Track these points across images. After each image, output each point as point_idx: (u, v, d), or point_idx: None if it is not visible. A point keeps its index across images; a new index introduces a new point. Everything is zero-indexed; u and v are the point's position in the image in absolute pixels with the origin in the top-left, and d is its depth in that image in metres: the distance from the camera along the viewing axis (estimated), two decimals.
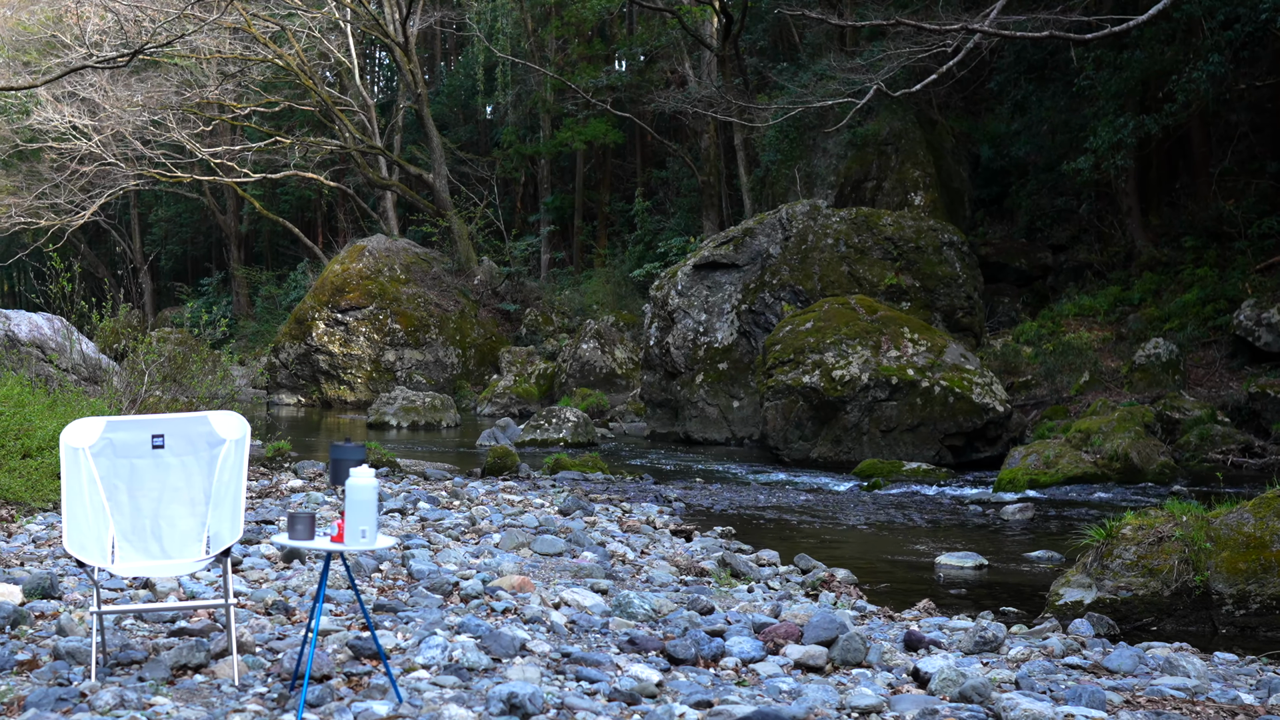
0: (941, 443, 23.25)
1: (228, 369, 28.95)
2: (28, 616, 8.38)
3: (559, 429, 28.03)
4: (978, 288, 29.75)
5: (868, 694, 7.29)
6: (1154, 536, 10.32)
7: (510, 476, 20.42)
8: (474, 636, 8.23)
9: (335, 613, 9.01)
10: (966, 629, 9.57)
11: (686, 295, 29.65)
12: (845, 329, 24.59)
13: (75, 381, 21.12)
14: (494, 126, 63.89)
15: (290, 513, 6.81)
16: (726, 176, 45.91)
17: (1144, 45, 29.68)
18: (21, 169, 59.66)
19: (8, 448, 14.17)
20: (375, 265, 45.57)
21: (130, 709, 6.47)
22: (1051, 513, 17.58)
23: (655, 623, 9.25)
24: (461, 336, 44.40)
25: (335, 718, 6.53)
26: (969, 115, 40.23)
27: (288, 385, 44.71)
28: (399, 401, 34.46)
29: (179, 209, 72.85)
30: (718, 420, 28.59)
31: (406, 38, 49.12)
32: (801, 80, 35.77)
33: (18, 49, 55.80)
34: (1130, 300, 30.66)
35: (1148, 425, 21.76)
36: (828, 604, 10.61)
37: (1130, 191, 32.97)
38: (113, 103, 48.93)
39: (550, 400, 38.18)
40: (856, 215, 30.09)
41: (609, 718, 6.77)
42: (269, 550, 11.54)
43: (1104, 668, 8.41)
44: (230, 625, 7.22)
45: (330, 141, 53.17)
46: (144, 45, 26.55)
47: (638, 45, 53.43)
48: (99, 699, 6.58)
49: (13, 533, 12.15)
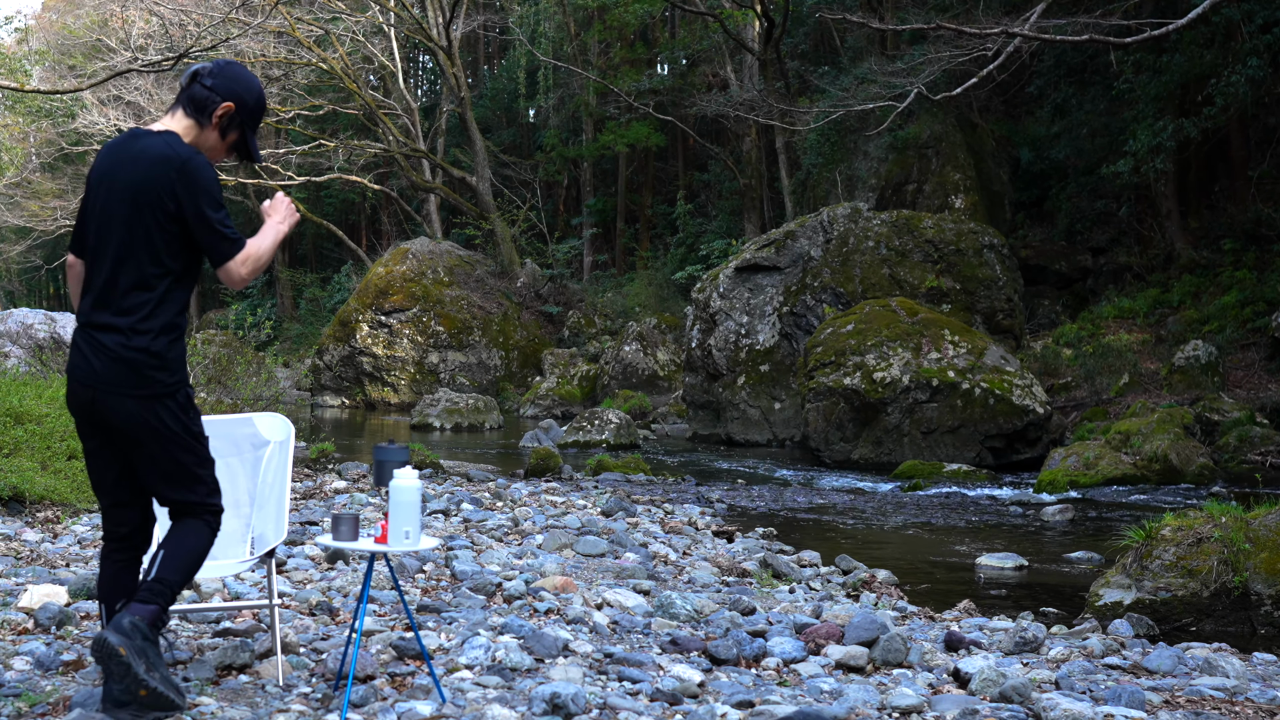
0: (982, 444, 23.23)
1: (272, 371, 29.03)
2: (73, 617, 8.38)
3: (601, 430, 28.04)
4: (1018, 290, 29.71)
5: (908, 694, 7.28)
6: (1193, 538, 10.32)
7: (553, 478, 20.43)
8: (517, 637, 8.23)
9: (379, 613, 9.02)
10: (1007, 629, 9.56)
11: (728, 297, 29.68)
12: (886, 331, 24.60)
13: None
14: (537, 130, 63.99)
15: (334, 514, 6.81)
16: (768, 179, 45.91)
17: (1183, 49, 29.64)
18: (68, 172, 60.07)
19: (53, 449, 14.23)
20: (419, 268, 45.69)
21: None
22: (1091, 514, 17.55)
23: (697, 623, 9.24)
24: (504, 338, 44.49)
25: (379, 718, 6.54)
26: (1009, 118, 40.19)
27: (332, 387, 44.87)
28: (442, 403, 34.52)
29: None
30: (759, 422, 28.62)
31: (450, 41, 49.24)
32: (842, 84, 35.78)
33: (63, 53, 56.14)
34: (1169, 303, 30.61)
35: (1187, 427, 21.71)
36: (869, 605, 10.60)
37: (1169, 194, 32.93)
38: (158, 106, 49.16)
39: (593, 402, 38.22)
40: (897, 218, 30.07)
41: (651, 718, 6.76)
42: (313, 551, 11.56)
43: (1143, 668, 8.40)
44: (274, 626, 7.22)
45: (374, 145, 53.34)
46: (189, 49, 26.70)
47: (680, 49, 53.52)
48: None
49: (59, 534, 12.18)
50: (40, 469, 13.69)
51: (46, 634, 8.08)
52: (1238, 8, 27.22)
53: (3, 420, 14.23)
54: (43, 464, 13.88)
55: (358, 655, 7.02)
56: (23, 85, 31.32)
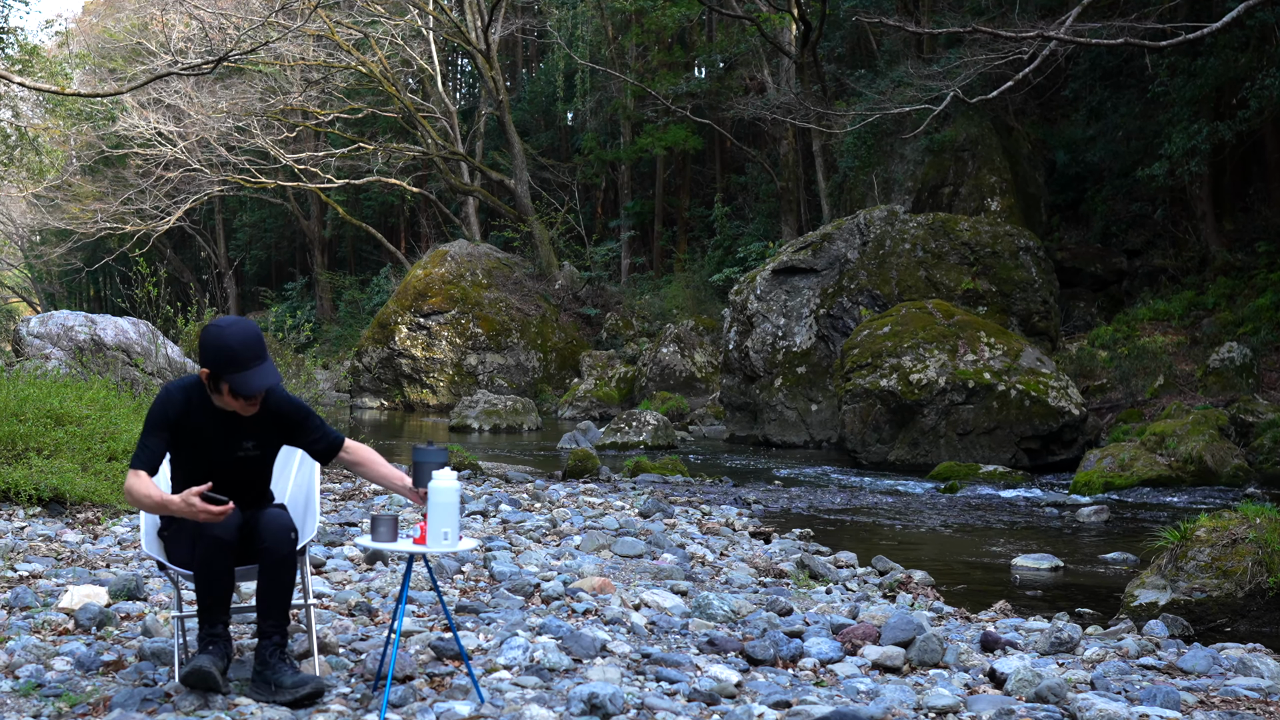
0: (1017, 445, 23.23)
1: (311, 373, 29.16)
2: (113, 618, 8.42)
3: (639, 432, 28.08)
4: (1053, 292, 29.67)
5: (944, 694, 7.30)
6: (1228, 539, 10.33)
7: (591, 479, 20.43)
8: (555, 637, 8.28)
9: (418, 614, 9.06)
10: (1042, 630, 9.55)
11: (765, 300, 29.71)
12: (922, 333, 24.61)
13: (160, 385, 21.21)
14: (575, 132, 64.02)
15: (373, 515, 6.84)
16: (805, 182, 45.90)
17: (1218, 52, 29.60)
18: (108, 175, 60.30)
19: (94, 451, 14.29)
20: (457, 270, 45.80)
21: (214, 709, 6.51)
22: (1126, 515, 17.54)
23: (734, 624, 9.26)
24: (543, 340, 44.56)
25: (418, 718, 6.57)
26: (1045, 121, 40.13)
27: (371, 389, 45.02)
28: (481, 405, 34.59)
29: (263, 214, 73.32)
30: (796, 423, 28.64)
31: (488, 45, 49.33)
32: (879, 87, 35.75)
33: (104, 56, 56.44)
34: (1204, 305, 30.55)
35: (1222, 428, 21.66)
36: (905, 605, 10.60)
37: (1204, 197, 32.86)
38: (197, 109, 49.37)
39: (630, 403, 38.27)
40: (933, 220, 30.07)
41: (689, 718, 6.79)
42: (352, 552, 11.61)
43: (1178, 668, 8.39)
44: (310, 626, 7.27)
45: (413, 147, 53.49)
46: (228, 52, 26.79)
47: (717, 52, 53.51)
48: (183, 699, 6.64)
49: (99, 535, 12.24)
50: (80, 470, 13.78)
51: (87, 635, 8.15)
52: (1272, 11, 27.13)
53: (43, 422, 14.32)
54: (83, 465, 13.96)
55: (396, 655, 7.05)
56: (63, 88, 31.45)
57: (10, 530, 11.94)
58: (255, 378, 6.74)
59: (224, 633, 6.58)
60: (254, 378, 6.74)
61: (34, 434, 13.97)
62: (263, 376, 6.76)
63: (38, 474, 13.14)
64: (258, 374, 6.75)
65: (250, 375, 6.73)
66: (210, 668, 6.23)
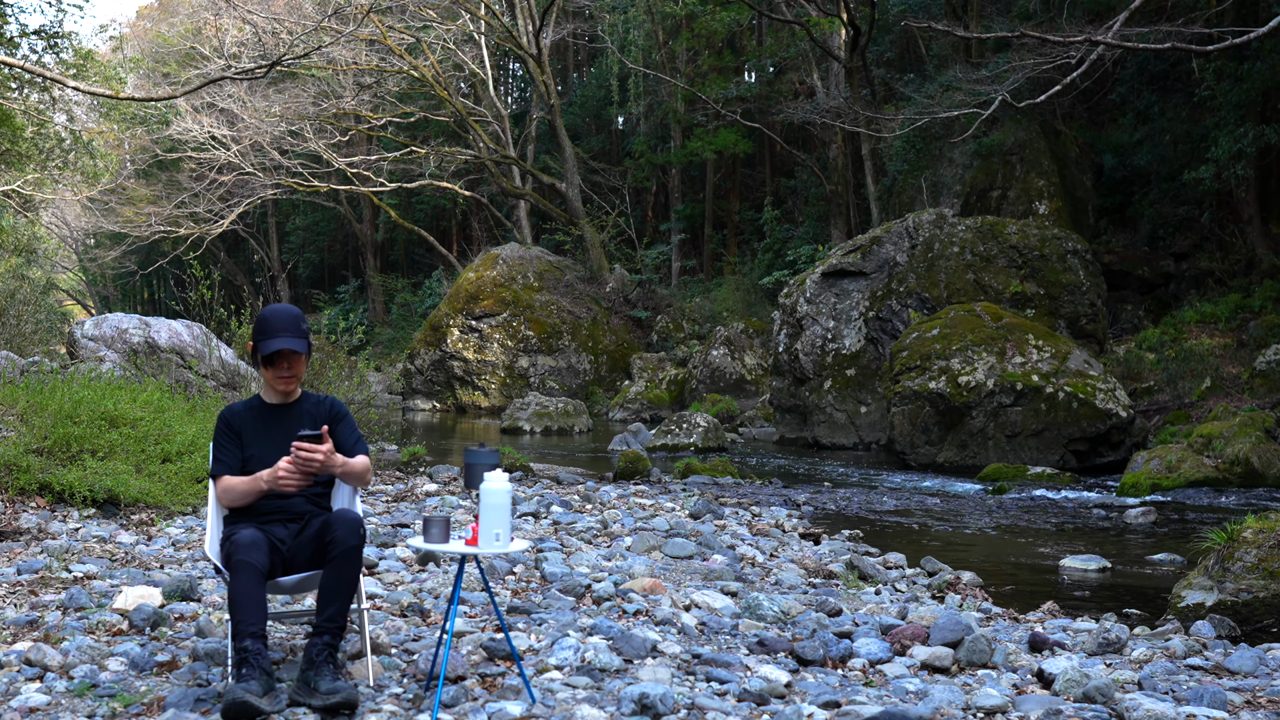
0: (1065, 447, 23.20)
1: (364, 375, 29.25)
2: (167, 618, 8.49)
3: (689, 434, 28.09)
4: (1101, 295, 29.62)
5: (993, 694, 7.32)
6: (1274, 539, 10.32)
7: (641, 480, 20.41)
8: (606, 638, 8.33)
9: (469, 615, 9.11)
10: (1090, 630, 9.55)
11: (815, 303, 29.73)
12: (971, 336, 24.61)
13: (214, 387, 21.24)
14: (625, 136, 64.09)
15: (425, 516, 6.88)
16: (854, 186, 45.86)
17: (1264, 57, 29.54)
18: (161, 178, 60.54)
19: (148, 452, 14.37)
20: (509, 273, 45.85)
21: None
22: (1173, 516, 17.51)
23: (784, 624, 9.29)
24: (594, 343, 44.58)
25: (470, 718, 6.62)
26: (1092, 125, 40.06)
27: (423, 391, 45.10)
28: (532, 407, 34.66)
29: (316, 218, 73.54)
30: (845, 425, 28.66)
31: (540, 49, 49.37)
32: (928, 91, 35.76)
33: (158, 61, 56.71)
34: (1251, 307, 30.49)
35: (1268, 430, 21.60)
36: (953, 606, 10.60)
37: (1251, 200, 32.79)
38: (251, 113, 49.56)
39: (681, 406, 38.27)
40: (982, 224, 30.06)
41: (739, 718, 6.82)
42: (404, 553, 11.67)
43: (1225, 669, 8.39)
44: (364, 627, 7.34)
45: (465, 151, 53.57)
46: (281, 57, 26.88)
47: (767, 57, 53.48)
48: None
49: (153, 536, 12.30)
50: (134, 472, 13.85)
51: (141, 635, 8.21)
52: None
53: (98, 424, 14.41)
54: (137, 467, 14.04)
55: (448, 656, 7.11)
56: (118, 93, 31.64)
57: (65, 531, 12.03)
58: (276, 341, 7.20)
59: (253, 646, 6.56)
60: (275, 341, 7.20)
61: (88, 436, 14.07)
62: (283, 341, 7.23)
63: (92, 475, 13.23)
64: (280, 339, 7.22)
65: (274, 340, 7.20)
66: (246, 696, 6.27)
